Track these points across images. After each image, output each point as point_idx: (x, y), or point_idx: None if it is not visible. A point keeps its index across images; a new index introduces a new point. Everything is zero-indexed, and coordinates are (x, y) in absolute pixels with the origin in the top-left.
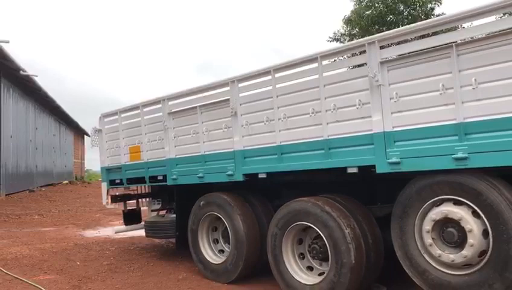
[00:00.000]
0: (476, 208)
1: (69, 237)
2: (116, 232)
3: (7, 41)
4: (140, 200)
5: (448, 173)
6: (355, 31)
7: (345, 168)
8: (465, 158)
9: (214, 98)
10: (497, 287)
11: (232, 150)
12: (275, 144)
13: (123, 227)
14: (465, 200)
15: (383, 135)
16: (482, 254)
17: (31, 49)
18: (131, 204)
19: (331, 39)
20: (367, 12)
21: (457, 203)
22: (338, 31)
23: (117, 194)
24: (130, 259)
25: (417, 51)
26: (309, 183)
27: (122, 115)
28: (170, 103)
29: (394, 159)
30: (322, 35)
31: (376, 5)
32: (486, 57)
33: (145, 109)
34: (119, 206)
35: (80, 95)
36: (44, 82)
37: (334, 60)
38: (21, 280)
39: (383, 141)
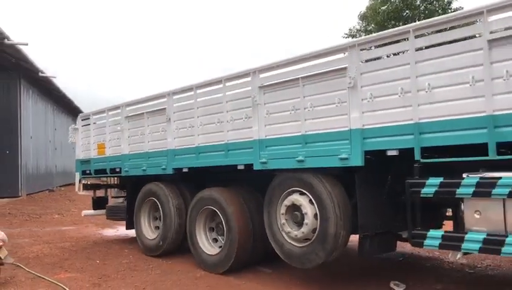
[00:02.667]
0: (311, 197)
1: (89, 236)
2: (84, 215)
3: (26, 44)
4: (109, 189)
5: (296, 171)
6: (371, 27)
7: (236, 165)
8: (303, 160)
9: (156, 106)
10: (321, 255)
11: (166, 149)
12: (194, 146)
13: (91, 211)
14: (305, 191)
15: (258, 141)
16: (314, 231)
17: (48, 51)
18: (100, 192)
19: (346, 35)
20: (383, 8)
21: (301, 193)
22: (354, 27)
23: (88, 183)
24: (149, 258)
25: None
26: (225, 176)
27: (94, 117)
28: (127, 108)
29: (263, 160)
30: (337, 32)
31: (392, 0)
32: (319, 88)
33: (110, 113)
34: (90, 194)
35: (94, 95)
36: (61, 83)
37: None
38: (43, 278)
39: (258, 146)
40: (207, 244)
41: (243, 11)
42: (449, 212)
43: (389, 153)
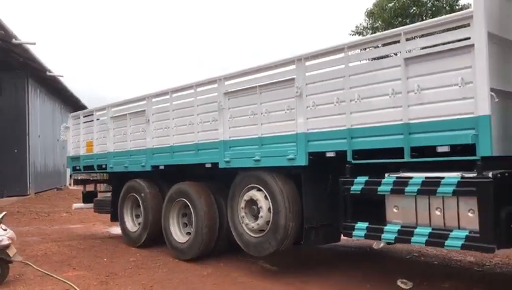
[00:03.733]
0: (266, 193)
1: (96, 234)
2: (74, 208)
3: (34, 43)
4: (98, 184)
5: (254, 169)
6: (377, 24)
7: (204, 164)
8: (259, 160)
9: (137, 108)
10: (273, 244)
11: (145, 147)
12: (169, 145)
13: (81, 204)
14: (261, 188)
15: (223, 142)
16: (268, 223)
17: (55, 50)
18: (90, 187)
19: (353, 33)
20: (389, 5)
21: (258, 189)
22: (360, 24)
23: (79, 178)
24: (156, 255)
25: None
26: (197, 173)
27: (83, 116)
28: (112, 109)
29: (227, 159)
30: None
31: None
32: (273, 95)
33: (97, 113)
34: (80, 188)
35: (99, 94)
36: (68, 82)
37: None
38: (51, 276)
39: (223, 146)
40: (179, 233)
41: (243, 11)
42: None
43: (328, 154)
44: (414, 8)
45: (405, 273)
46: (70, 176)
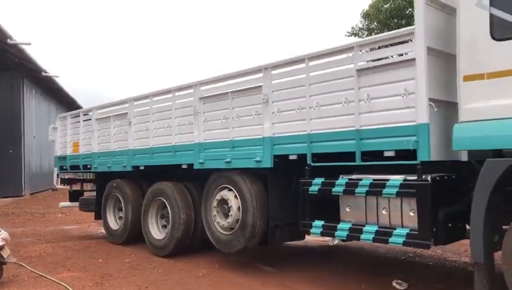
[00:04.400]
0: (236, 193)
1: (91, 235)
2: (61, 206)
3: (29, 44)
4: (85, 183)
5: (226, 171)
6: (373, 25)
7: (181, 165)
8: (230, 162)
9: (120, 111)
10: (241, 241)
11: (127, 148)
12: (149, 147)
13: (68, 203)
14: (232, 188)
15: (198, 145)
16: (237, 221)
17: (51, 50)
18: (77, 186)
19: (349, 34)
20: (385, 6)
21: (229, 189)
22: (356, 25)
23: (66, 177)
24: (151, 257)
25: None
26: (175, 173)
27: (70, 118)
28: (97, 111)
29: (201, 160)
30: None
31: None
32: (242, 101)
33: (83, 115)
34: (67, 187)
35: (96, 94)
36: (63, 82)
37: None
38: (45, 277)
39: (198, 148)
40: (157, 231)
41: (243, 10)
42: None
43: (291, 157)
44: (410, 9)
45: (400, 274)
46: (57, 175)
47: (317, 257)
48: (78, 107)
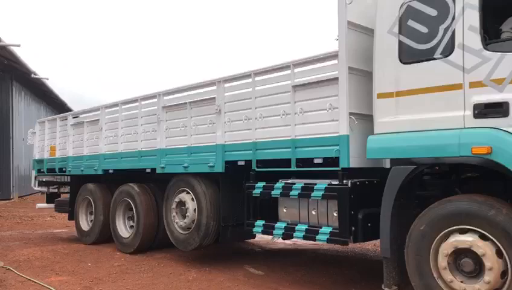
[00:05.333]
0: (193, 195)
1: (81, 239)
2: (38, 208)
3: (18, 45)
4: (62, 186)
5: (184, 175)
6: None
7: (145, 169)
8: (188, 167)
9: (93, 117)
10: (197, 240)
11: (98, 153)
12: (117, 151)
13: (45, 204)
14: (189, 191)
15: (160, 151)
16: (193, 222)
17: (40, 52)
18: (54, 189)
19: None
20: None
21: (187, 192)
22: None
23: (43, 180)
24: (141, 260)
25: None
26: (142, 176)
27: (47, 123)
28: (72, 117)
29: (163, 165)
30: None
31: None
32: (199, 111)
33: (60, 120)
34: (44, 189)
35: (87, 96)
36: (54, 85)
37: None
38: (33, 281)
39: (160, 154)
40: (124, 230)
41: (240, 11)
42: None
43: (239, 163)
44: None
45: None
46: (35, 177)
47: (307, 259)
48: (68, 109)
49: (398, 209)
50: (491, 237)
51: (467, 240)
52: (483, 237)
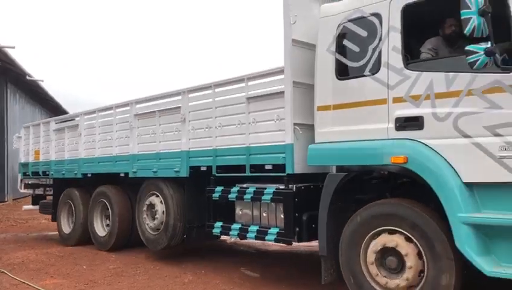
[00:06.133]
0: (161, 198)
1: None
2: (24, 209)
3: (13, 47)
4: (48, 188)
5: (154, 179)
6: None
7: (119, 173)
8: (156, 171)
9: (73, 123)
10: (165, 240)
11: (77, 158)
12: (95, 156)
13: (30, 206)
14: (158, 194)
15: (132, 156)
16: (162, 223)
17: (35, 54)
18: (40, 191)
19: None
20: None
21: (157, 195)
22: None
23: (29, 182)
24: (136, 262)
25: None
26: (119, 180)
27: (32, 128)
28: (55, 123)
29: (135, 170)
30: None
31: None
32: (166, 119)
33: (43, 125)
34: (30, 192)
35: (82, 98)
36: (49, 86)
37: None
38: (28, 284)
39: (132, 159)
40: (101, 229)
41: (240, 11)
42: None
43: (202, 168)
44: None
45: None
46: (21, 180)
47: (303, 262)
48: (63, 111)
49: (335, 212)
50: (414, 240)
51: (394, 240)
52: (408, 239)
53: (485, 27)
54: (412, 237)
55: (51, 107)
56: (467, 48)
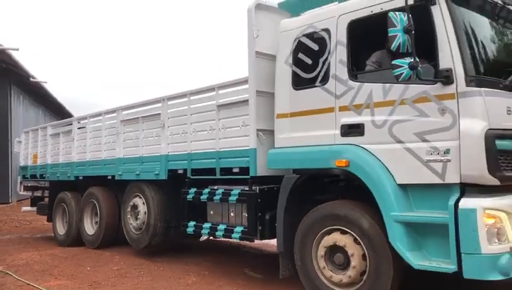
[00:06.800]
0: (144, 199)
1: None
2: (23, 211)
3: (17, 49)
4: (46, 190)
5: (138, 181)
6: None
7: (107, 176)
8: (139, 174)
9: (66, 128)
10: (146, 239)
11: (70, 161)
12: (85, 160)
13: (29, 207)
14: (141, 195)
15: (118, 160)
16: (144, 223)
17: (39, 56)
18: (38, 193)
19: None
20: None
21: (140, 197)
22: None
23: (28, 185)
24: (140, 264)
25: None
26: (108, 181)
27: (31, 133)
28: (50, 128)
29: (120, 173)
30: None
31: None
32: (148, 125)
33: (41, 131)
34: (29, 194)
35: (86, 101)
36: (52, 88)
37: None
38: (32, 285)
39: (118, 162)
40: (90, 227)
41: (241, 12)
42: None
43: (179, 171)
44: None
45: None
46: (21, 183)
47: None
48: (66, 113)
49: (293, 211)
50: (358, 238)
51: (343, 240)
52: (356, 241)
53: (409, 43)
54: (356, 236)
55: (54, 109)
56: (393, 62)
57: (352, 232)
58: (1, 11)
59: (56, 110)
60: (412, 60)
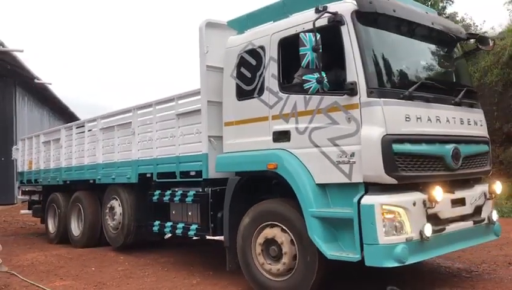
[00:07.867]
0: (119, 201)
1: None
2: (21, 214)
3: (21, 50)
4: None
5: (115, 184)
6: None
7: (89, 180)
8: (114, 178)
9: (55, 136)
10: (122, 238)
11: (59, 167)
12: (72, 165)
13: (27, 210)
14: (117, 197)
15: (98, 165)
16: (119, 223)
17: (43, 57)
18: (36, 197)
19: None
20: None
21: (116, 199)
22: None
23: (26, 189)
24: (145, 264)
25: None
26: (94, 185)
27: (27, 140)
28: (43, 136)
29: (99, 177)
30: None
31: None
32: (121, 132)
33: (34, 138)
34: (27, 197)
35: (89, 101)
36: (57, 90)
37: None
38: (38, 286)
39: (98, 167)
40: (77, 229)
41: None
42: None
43: (147, 175)
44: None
45: (394, 280)
46: (19, 187)
47: None
48: (70, 114)
49: (237, 209)
50: (287, 230)
51: (273, 232)
52: (283, 230)
53: (317, 60)
54: (286, 229)
55: (59, 110)
56: (304, 77)
57: (281, 225)
58: (5, 13)
59: (60, 112)
60: (319, 75)
